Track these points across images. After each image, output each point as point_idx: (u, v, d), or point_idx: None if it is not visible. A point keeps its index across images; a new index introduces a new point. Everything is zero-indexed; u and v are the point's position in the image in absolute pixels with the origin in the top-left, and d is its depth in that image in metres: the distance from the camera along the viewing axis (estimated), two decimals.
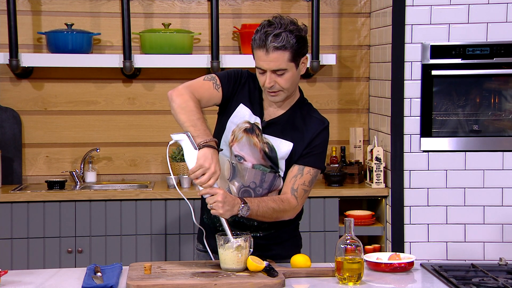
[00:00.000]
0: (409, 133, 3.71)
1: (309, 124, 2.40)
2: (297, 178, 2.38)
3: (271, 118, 2.40)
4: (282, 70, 2.29)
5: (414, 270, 2.35)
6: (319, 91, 4.24)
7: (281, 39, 2.26)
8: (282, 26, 2.27)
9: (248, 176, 2.39)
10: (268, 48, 2.26)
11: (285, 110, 2.41)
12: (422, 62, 3.67)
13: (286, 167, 2.39)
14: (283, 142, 2.38)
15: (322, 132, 2.39)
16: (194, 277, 2.20)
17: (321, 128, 2.39)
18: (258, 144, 2.38)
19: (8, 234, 3.67)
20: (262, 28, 2.29)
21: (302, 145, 2.38)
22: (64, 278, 2.27)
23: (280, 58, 2.27)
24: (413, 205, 3.71)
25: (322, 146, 2.40)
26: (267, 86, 2.31)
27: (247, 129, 2.38)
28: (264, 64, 2.28)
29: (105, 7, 4.09)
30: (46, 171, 4.09)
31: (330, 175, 3.94)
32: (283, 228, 2.46)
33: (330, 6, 4.19)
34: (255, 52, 2.31)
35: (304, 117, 2.40)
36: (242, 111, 2.40)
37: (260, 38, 2.28)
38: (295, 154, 2.38)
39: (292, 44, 2.27)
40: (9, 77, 4.05)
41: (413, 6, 3.64)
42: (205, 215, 2.48)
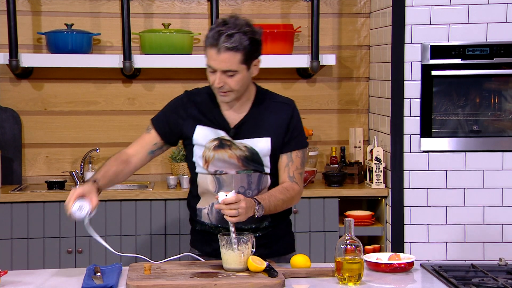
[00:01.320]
0: (409, 133, 3.71)
1: (278, 112, 2.39)
2: (289, 166, 2.39)
3: (237, 123, 2.38)
4: (232, 72, 2.26)
5: (414, 270, 2.35)
6: (319, 92, 4.24)
7: (233, 40, 2.22)
8: (237, 27, 2.24)
9: (235, 182, 2.39)
10: (220, 47, 2.23)
11: (247, 109, 2.39)
12: (422, 62, 3.67)
13: (271, 162, 2.39)
14: (260, 140, 2.37)
15: (293, 114, 2.40)
16: (194, 278, 2.20)
17: (291, 110, 2.40)
18: (233, 155, 2.37)
19: (8, 235, 3.66)
20: (216, 27, 2.26)
21: (280, 134, 2.38)
22: (64, 278, 2.27)
23: (231, 59, 2.24)
24: (413, 205, 3.71)
25: (299, 126, 2.41)
26: (216, 86, 2.30)
27: (216, 147, 2.38)
28: (215, 64, 2.26)
29: (105, 7, 4.09)
30: (46, 171, 4.09)
31: (330, 175, 3.94)
32: (279, 225, 2.47)
33: (330, 6, 4.19)
34: (207, 50, 2.28)
35: (269, 107, 2.39)
36: (202, 132, 2.39)
37: (213, 37, 2.25)
38: (277, 145, 2.38)
39: (245, 46, 2.24)
40: (9, 77, 4.05)
41: (413, 6, 3.65)
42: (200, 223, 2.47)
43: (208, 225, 2.44)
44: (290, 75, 4.21)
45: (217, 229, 2.41)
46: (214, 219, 2.43)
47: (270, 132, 2.37)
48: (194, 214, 2.48)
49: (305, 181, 3.89)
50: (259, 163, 2.38)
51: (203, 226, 2.46)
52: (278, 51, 3.99)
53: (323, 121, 4.25)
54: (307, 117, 4.24)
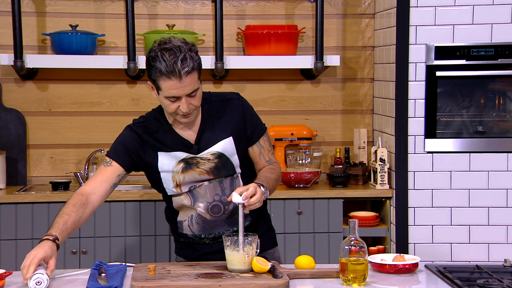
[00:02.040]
0: (413, 134, 3.70)
1: (228, 109, 2.43)
2: (262, 153, 2.47)
3: (196, 137, 2.41)
4: (195, 91, 2.30)
5: (418, 271, 2.34)
6: (323, 92, 4.24)
7: (188, 62, 2.25)
8: (181, 50, 2.26)
9: (209, 192, 2.42)
10: (182, 74, 2.25)
11: (199, 120, 2.42)
12: (426, 63, 3.67)
13: (240, 159, 2.42)
14: (223, 142, 2.41)
15: (243, 105, 2.44)
16: (198, 278, 2.20)
17: (239, 103, 2.44)
18: (203, 172, 2.41)
19: (13, 235, 3.67)
20: (161, 58, 2.25)
21: (240, 130, 2.42)
22: (69, 279, 2.27)
23: (192, 80, 2.28)
24: (417, 206, 3.71)
25: (253, 114, 2.46)
26: (185, 111, 2.31)
27: (183, 169, 2.41)
28: (179, 91, 2.27)
29: (109, 8, 4.10)
30: (51, 172, 4.10)
31: (334, 176, 3.94)
32: (259, 223, 2.51)
33: (334, 7, 4.19)
34: (162, 83, 2.28)
35: (217, 107, 2.42)
36: (165, 159, 2.41)
37: (167, 68, 2.25)
38: (240, 142, 2.42)
39: (199, 62, 2.30)
40: (13, 78, 4.06)
41: (418, 7, 3.64)
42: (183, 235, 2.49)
43: (191, 236, 2.49)
44: (294, 76, 4.21)
45: (200, 239, 2.46)
46: (196, 230, 2.46)
47: (229, 131, 2.41)
48: (175, 227, 2.52)
49: (309, 182, 3.89)
50: (229, 166, 2.42)
51: (186, 238, 2.50)
52: (282, 52, 3.99)
53: (327, 122, 4.25)
54: (311, 117, 4.24)
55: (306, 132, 4.11)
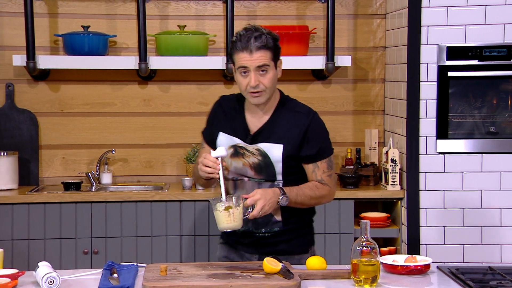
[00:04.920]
0: (425, 135, 3.69)
1: (294, 121, 2.47)
2: (316, 172, 2.49)
3: (258, 128, 2.48)
4: (265, 67, 2.39)
5: (430, 272, 2.33)
6: (334, 93, 4.23)
7: (262, 40, 2.39)
8: (259, 30, 2.41)
9: (248, 189, 2.48)
10: (252, 48, 2.38)
11: (269, 115, 2.48)
12: (438, 64, 3.65)
13: (284, 168, 2.46)
14: (274, 146, 2.45)
15: (309, 124, 2.46)
16: (210, 279, 2.20)
17: (306, 121, 2.46)
18: (247, 164, 2.48)
19: (25, 235, 3.69)
20: (239, 34, 2.42)
21: (294, 143, 2.45)
22: (80, 279, 2.28)
23: (263, 56, 2.39)
24: (429, 207, 3.69)
25: (319, 136, 2.48)
26: (252, 85, 2.39)
27: (232, 155, 2.49)
28: (249, 63, 2.38)
29: (121, 9, 4.11)
30: (63, 173, 4.12)
31: (345, 177, 3.93)
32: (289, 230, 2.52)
33: (346, 7, 4.18)
34: (236, 56, 2.41)
35: (288, 115, 2.48)
36: (222, 139, 2.51)
37: (241, 42, 2.39)
38: (290, 154, 2.45)
39: (272, 44, 2.41)
40: (26, 79, 4.08)
41: (429, 7, 3.63)
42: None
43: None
44: (305, 76, 4.21)
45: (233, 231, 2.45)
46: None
47: (283, 139, 2.45)
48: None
49: None
50: (271, 169, 2.46)
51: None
52: (293, 52, 3.98)
53: (338, 122, 4.24)
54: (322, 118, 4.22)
55: None
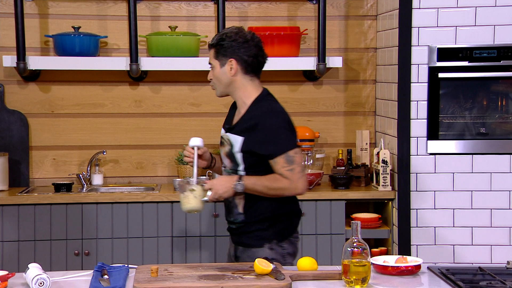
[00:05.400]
0: (415, 136, 3.70)
1: (256, 118, 2.61)
2: (274, 166, 2.61)
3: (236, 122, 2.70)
4: (210, 64, 2.68)
5: (421, 273, 2.34)
6: (325, 94, 4.24)
7: (213, 39, 2.67)
8: (227, 30, 2.67)
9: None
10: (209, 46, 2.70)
11: (244, 111, 2.67)
12: (429, 65, 3.67)
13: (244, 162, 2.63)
14: (237, 138, 2.65)
15: (265, 122, 2.57)
16: (200, 280, 2.20)
17: (263, 119, 2.58)
18: (225, 152, 2.71)
19: (15, 237, 3.67)
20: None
21: (251, 138, 2.61)
22: (71, 280, 2.28)
23: (210, 54, 2.68)
24: (419, 208, 3.71)
25: (272, 133, 2.57)
26: (208, 77, 2.71)
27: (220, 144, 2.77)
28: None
29: (112, 10, 4.10)
30: (53, 174, 4.10)
31: (337, 177, 3.94)
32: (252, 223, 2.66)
33: (337, 8, 4.19)
34: None
35: (255, 112, 2.63)
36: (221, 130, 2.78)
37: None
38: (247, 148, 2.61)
39: (215, 44, 2.64)
40: (16, 80, 4.07)
41: (420, 9, 3.64)
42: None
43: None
44: (296, 77, 4.21)
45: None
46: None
47: (245, 133, 2.63)
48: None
49: (312, 184, 3.89)
50: (234, 159, 2.66)
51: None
52: (284, 53, 3.99)
53: (329, 123, 4.25)
54: (313, 119, 4.24)
55: (309, 133, 4.11)
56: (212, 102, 4.16)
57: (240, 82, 2.63)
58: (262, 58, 2.65)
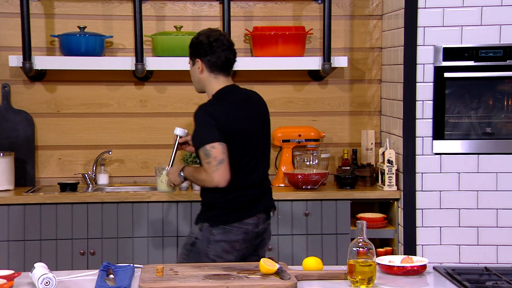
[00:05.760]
0: (421, 136, 3.70)
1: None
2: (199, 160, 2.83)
3: None
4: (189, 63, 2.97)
5: (426, 273, 2.34)
6: (331, 94, 4.23)
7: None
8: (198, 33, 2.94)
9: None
10: None
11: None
12: (434, 65, 3.66)
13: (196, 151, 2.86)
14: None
15: (197, 111, 2.84)
16: (206, 280, 2.20)
17: (198, 107, 2.84)
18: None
19: (21, 236, 3.68)
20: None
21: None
22: (77, 280, 2.28)
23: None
24: (425, 207, 3.70)
25: (195, 127, 2.83)
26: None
27: None
28: None
29: (117, 10, 4.11)
30: (59, 173, 4.11)
31: (342, 177, 3.93)
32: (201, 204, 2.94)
33: (342, 8, 4.19)
34: None
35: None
36: None
37: None
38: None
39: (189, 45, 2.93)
40: (22, 80, 4.08)
41: (426, 8, 3.63)
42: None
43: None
44: (301, 77, 4.21)
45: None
46: None
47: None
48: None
49: (317, 184, 3.89)
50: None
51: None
52: (289, 53, 3.99)
53: (335, 123, 4.24)
54: (318, 119, 4.24)
55: (314, 133, 4.10)
56: None
57: (207, 80, 2.88)
58: (226, 58, 2.84)
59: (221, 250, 2.76)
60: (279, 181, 4.03)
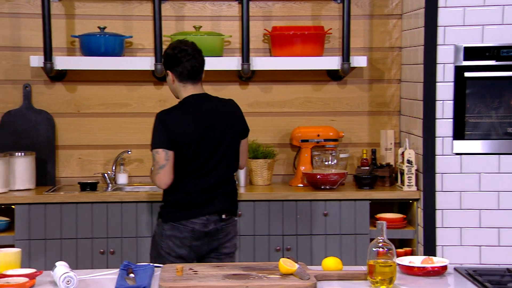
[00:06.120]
0: (441, 136, 3.67)
1: None
2: None
3: None
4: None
5: (447, 274, 2.32)
6: (349, 94, 4.22)
7: None
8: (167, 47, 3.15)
9: None
10: None
11: None
12: (455, 64, 3.63)
13: None
14: None
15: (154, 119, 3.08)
16: (225, 279, 2.20)
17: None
18: None
19: (42, 235, 3.72)
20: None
21: None
22: (97, 278, 2.30)
23: None
24: (445, 208, 3.67)
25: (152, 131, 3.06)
26: None
27: None
28: None
29: (137, 10, 4.13)
30: (79, 173, 4.14)
31: (361, 177, 3.92)
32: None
33: (361, 8, 4.17)
34: None
35: None
36: None
37: None
38: None
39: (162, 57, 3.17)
40: (43, 80, 4.11)
41: (446, 7, 3.61)
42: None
43: None
44: (320, 77, 4.20)
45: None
46: None
47: None
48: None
49: (336, 184, 3.88)
50: None
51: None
52: (308, 53, 3.98)
53: (353, 123, 4.23)
54: (337, 119, 4.23)
55: (333, 133, 4.09)
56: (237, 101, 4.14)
57: (178, 88, 3.10)
58: (191, 67, 3.03)
59: (173, 244, 3.00)
60: (298, 181, 4.03)
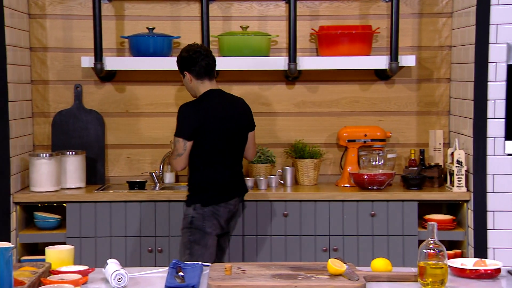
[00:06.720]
0: (492, 136, 3.60)
1: None
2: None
3: None
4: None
5: (501, 277, 2.27)
6: (397, 93, 4.17)
7: None
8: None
9: None
10: None
11: None
12: (507, 63, 3.55)
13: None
14: None
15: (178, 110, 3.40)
16: (274, 279, 2.20)
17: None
18: None
19: (92, 233, 3.78)
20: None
21: None
22: (147, 276, 2.33)
23: None
24: (496, 210, 3.60)
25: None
26: None
27: None
28: None
29: (185, 11, 4.17)
30: (127, 172, 4.20)
31: (409, 178, 3.87)
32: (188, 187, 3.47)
33: (410, 6, 4.12)
34: None
35: None
36: None
37: None
38: None
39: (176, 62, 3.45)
40: (93, 80, 4.19)
41: (499, 5, 3.53)
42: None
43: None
44: (368, 76, 4.16)
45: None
46: None
47: None
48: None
49: (383, 184, 3.84)
50: None
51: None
52: (356, 52, 3.95)
53: (401, 123, 4.18)
54: (385, 118, 4.18)
55: (380, 133, 4.05)
56: (283, 101, 4.16)
57: (196, 86, 3.40)
58: (206, 64, 3.34)
59: (217, 222, 3.32)
60: (345, 181, 4.00)
